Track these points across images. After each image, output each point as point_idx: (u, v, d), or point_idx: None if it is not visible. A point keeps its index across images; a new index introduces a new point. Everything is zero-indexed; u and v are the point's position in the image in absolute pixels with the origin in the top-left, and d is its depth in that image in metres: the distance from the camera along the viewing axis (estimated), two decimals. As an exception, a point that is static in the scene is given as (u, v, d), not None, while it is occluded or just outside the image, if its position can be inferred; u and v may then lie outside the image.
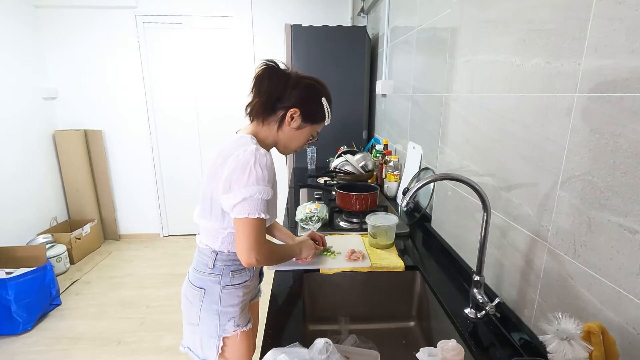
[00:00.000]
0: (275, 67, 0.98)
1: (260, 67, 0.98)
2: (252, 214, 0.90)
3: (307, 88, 1.00)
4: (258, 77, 0.97)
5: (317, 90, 1.02)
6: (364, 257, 1.23)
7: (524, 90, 0.83)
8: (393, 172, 1.90)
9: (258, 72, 0.98)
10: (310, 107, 1.01)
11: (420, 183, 0.85)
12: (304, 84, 1.00)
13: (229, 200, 0.92)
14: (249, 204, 0.90)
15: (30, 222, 3.04)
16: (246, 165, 0.89)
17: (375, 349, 0.93)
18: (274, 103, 0.99)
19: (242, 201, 0.90)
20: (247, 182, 0.89)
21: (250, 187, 0.89)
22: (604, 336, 0.56)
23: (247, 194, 0.89)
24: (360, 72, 2.66)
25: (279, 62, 0.99)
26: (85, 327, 2.31)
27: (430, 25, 1.52)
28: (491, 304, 0.86)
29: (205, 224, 1.02)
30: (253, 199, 0.90)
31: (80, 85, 3.32)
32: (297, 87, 0.98)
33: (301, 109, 0.99)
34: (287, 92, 0.98)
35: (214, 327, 1.03)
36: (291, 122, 1.00)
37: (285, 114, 0.99)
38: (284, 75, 0.99)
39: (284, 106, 0.99)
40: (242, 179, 0.89)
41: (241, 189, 0.89)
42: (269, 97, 0.98)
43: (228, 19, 3.25)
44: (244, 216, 0.90)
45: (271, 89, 0.97)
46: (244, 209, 0.90)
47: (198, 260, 1.05)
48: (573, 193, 0.69)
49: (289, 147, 1.06)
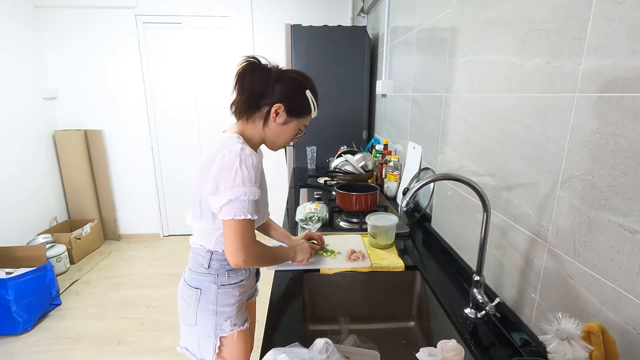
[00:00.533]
0: (257, 63, 0.97)
1: (241, 63, 0.96)
2: (238, 215, 0.90)
3: (290, 82, 0.98)
4: (240, 74, 0.96)
5: (301, 83, 1.00)
6: (364, 257, 1.23)
7: (524, 90, 0.83)
8: (393, 172, 1.90)
9: (239, 69, 0.96)
10: (295, 101, 0.99)
11: (420, 183, 0.85)
12: (287, 77, 0.98)
13: (216, 202, 0.91)
14: (235, 205, 0.89)
15: (30, 222, 3.04)
16: (232, 166, 0.89)
17: (375, 349, 0.93)
18: (257, 99, 0.97)
19: (228, 202, 0.89)
20: (233, 183, 0.89)
21: (236, 189, 0.89)
22: (604, 336, 0.56)
23: (233, 195, 0.89)
24: (360, 72, 2.66)
25: (260, 58, 0.98)
26: (85, 327, 2.31)
27: (430, 25, 1.52)
28: (491, 304, 0.86)
29: (197, 225, 1.02)
30: (239, 200, 0.89)
31: (80, 85, 3.32)
32: (280, 82, 0.97)
33: (285, 103, 0.97)
34: (269, 87, 0.96)
35: (211, 327, 1.02)
36: (276, 118, 0.98)
37: (269, 110, 0.97)
38: (265, 71, 0.97)
39: (268, 102, 0.97)
40: (228, 180, 0.89)
41: (227, 191, 0.89)
42: (251, 93, 0.96)
43: (228, 19, 3.25)
44: (230, 217, 0.90)
45: (253, 86, 0.96)
46: (230, 211, 0.89)
47: (193, 261, 1.05)
48: (573, 193, 0.69)
49: (276, 143, 1.05)
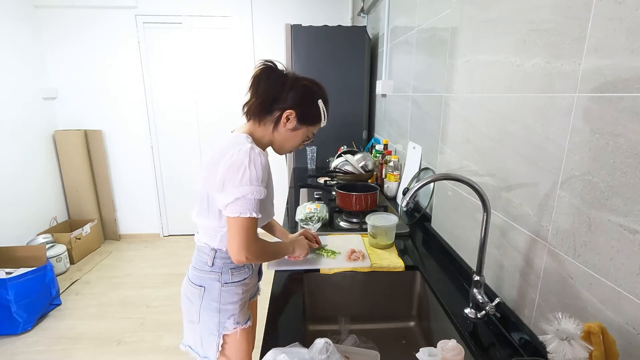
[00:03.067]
0: (273, 68, 0.98)
1: (258, 67, 0.98)
2: (243, 213, 0.91)
3: (304, 90, 1.00)
4: (255, 77, 0.98)
5: (314, 92, 1.02)
6: (364, 257, 1.23)
7: (524, 90, 0.83)
8: (393, 172, 1.90)
9: (256, 72, 0.98)
10: (306, 109, 1.01)
11: (420, 183, 0.85)
12: (301, 85, 1.00)
13: (222, 199, 0.92)
14: (241, 204, 0.90)
15: (30, 222, 3.04)
16: (240, 165, 0.90)
17: (375, 349, 0.93)
18: (270, 104, 0.99)
19: (234, 200, 0.90)
20: (240, 181, 0.90)
21: (243, 187, 0.90)
22: (604, 336, 0.56)
23: (240, 193, 0.90)
24: (360, 72, 2.66)
25: (277, 63, 0.99)
26: (85, 327, 2.31)
27: (430, 25, 1.52)
28: (491, 304, 0.86)
29: (203, 222, 1.03)
30: (245, 199, 0.90)
31: (80, 85, 3.32)
32: (294, 89, 0.98)
33: (297, 110, 0.99)
34: (283, 93, 0.98)
35: (214, 324, 1.03)
36: (287, 124, 1.00)
37: (281, 115, 0.99)
38: (281, 77, 0.99)
39: (280, 107, 0.99)
40: (235, 178, 0.90)
41: (234, 189, 0.90)
42: (265, 97, 0.98)
43: (228, 19, 3.25)
44: (236, 215, 0.91)
45: (268, 90, 0.97)
46: (236, 208, 0.91)
47: (197, 259, 1.06)
48: (573, 193, 0.69)
49: (284, 147, 1.07)
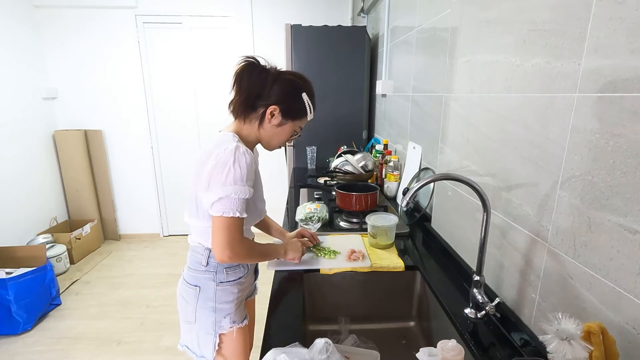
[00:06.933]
0: (255, 64, 0.97)
1: (239, 63, 0.96)
2: (227, 212, 0.90)
3: (287, 84, 0.98)
4: (238, 74, 0.96)
5: (298, 85, 1.00)
6: (364, 257, 1.23)
7: (524, 90, 0.83)
8: (393, 172, 1.90)
9: (238, 69, 0.96)
10: (290, 104, 0.99)
11: (420, 183, 0.85)
12: (284, 79, 0.98)
13: (207, 199, 0.92)
14: (225, 203, 0.90)
15: (30, 222, 3.04)
16: (225, 164, 0.89)
17: (375, 349, 0.93)
18: (254, 100, 0.97)
19: (218, 200, 0.90)
20: (224, 181, 0.89)
21: (227, 187, 0.89)
22: (604, 336, 0.56)
23: (224, 193, 0.89)
24: (360, 72, 2.66)
25: (259, 58, 0.98)
26: (85, 327, 2.31)
27: (430, 25, 1.52)
28: (491, 304, 0.86)
29: (194, 223, 1.03)
30: (230, 198, 0.90)
31: (80, 85, 3.32)
32: (277, 84, 0.97)
33: (280, 106, 0.97)
34: (266, 89, 0.96)
35: (210, 324, 1.03)
36: (271, 120, 0.99)
37: (265, 112, 0.98)
38: (263, 72, 0.97)
39: (264, 103, 0.97)
40: (220, 177, 0.89)
41: (218, 188, 0.90)
42: (249, 94, 0.97)
43: (228, 19, 3.25)
44: (219, 214, 0.91)
45: (251, 87, 0.96)
46: (220, 208, 0.90)
47: (192, 259, 1.05)
48: (573, 193, 0.69)
49: (271, 144, 1.06)
